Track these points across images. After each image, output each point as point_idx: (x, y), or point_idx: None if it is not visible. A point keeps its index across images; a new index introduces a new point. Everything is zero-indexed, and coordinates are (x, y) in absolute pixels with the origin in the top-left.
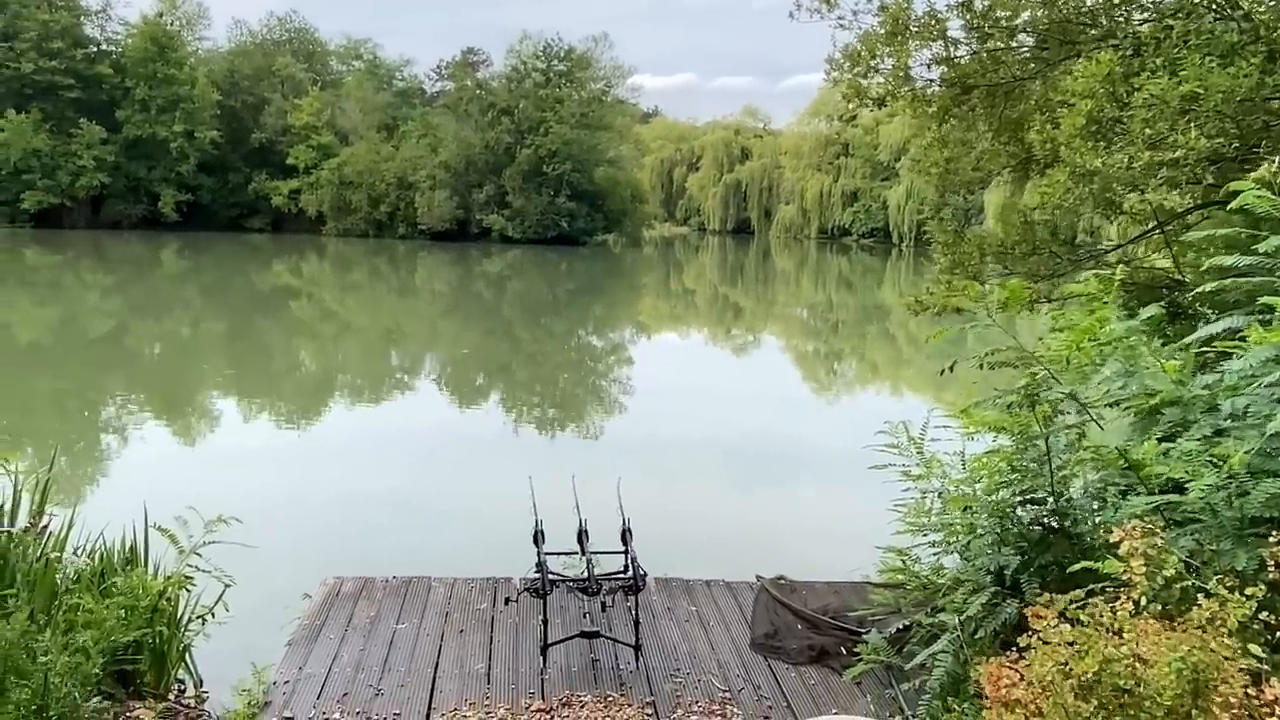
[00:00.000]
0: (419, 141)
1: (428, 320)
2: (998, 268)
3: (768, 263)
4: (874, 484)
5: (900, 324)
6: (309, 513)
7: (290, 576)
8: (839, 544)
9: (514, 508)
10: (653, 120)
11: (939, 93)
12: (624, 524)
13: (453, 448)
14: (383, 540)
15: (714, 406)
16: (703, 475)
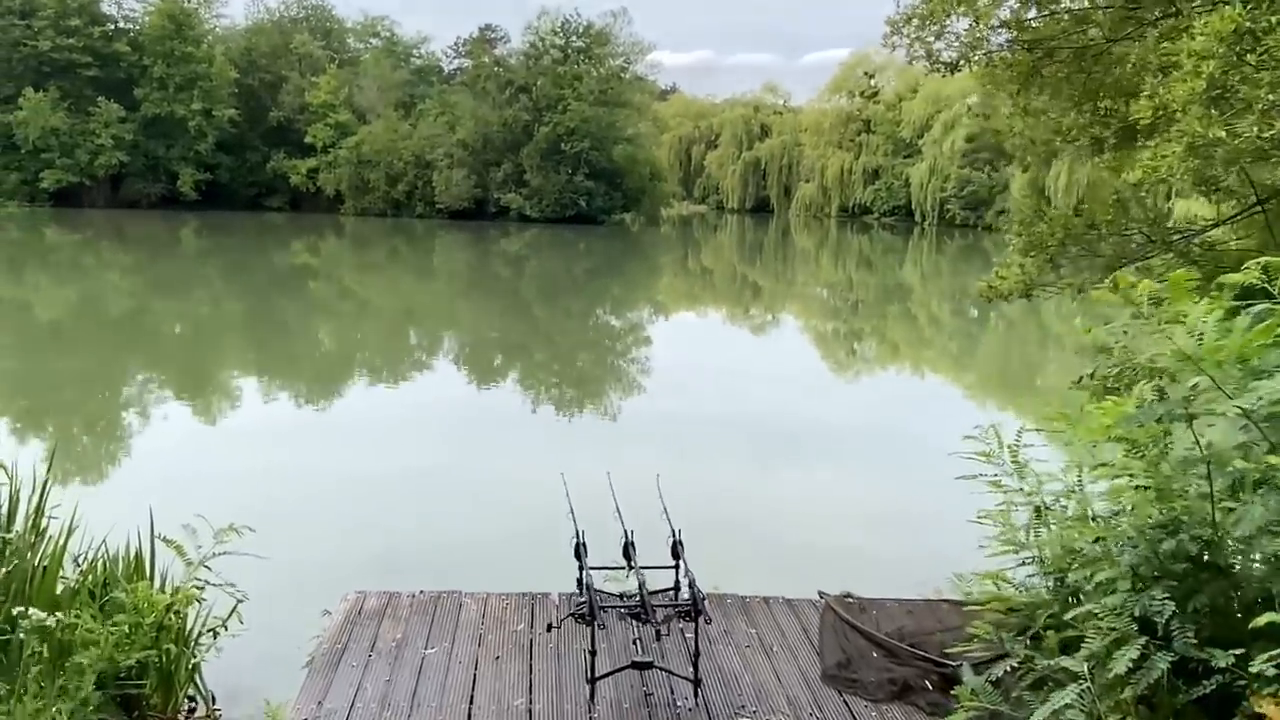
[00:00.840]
0: (436, 120)
1: (446, 300)
2: (1075, 249)
3: (787, 241)
4: (907, 465)
5: (921, 304)
6: (329, 503)
7: (311, 568)
8: (889, 534)
9: (540, 500)
10: (670, 97)
11: (1020, 56)
12: (674, 535)
13: (471, 429)
14: (407, 537)
15: (734, 385)
16: (726, 454)
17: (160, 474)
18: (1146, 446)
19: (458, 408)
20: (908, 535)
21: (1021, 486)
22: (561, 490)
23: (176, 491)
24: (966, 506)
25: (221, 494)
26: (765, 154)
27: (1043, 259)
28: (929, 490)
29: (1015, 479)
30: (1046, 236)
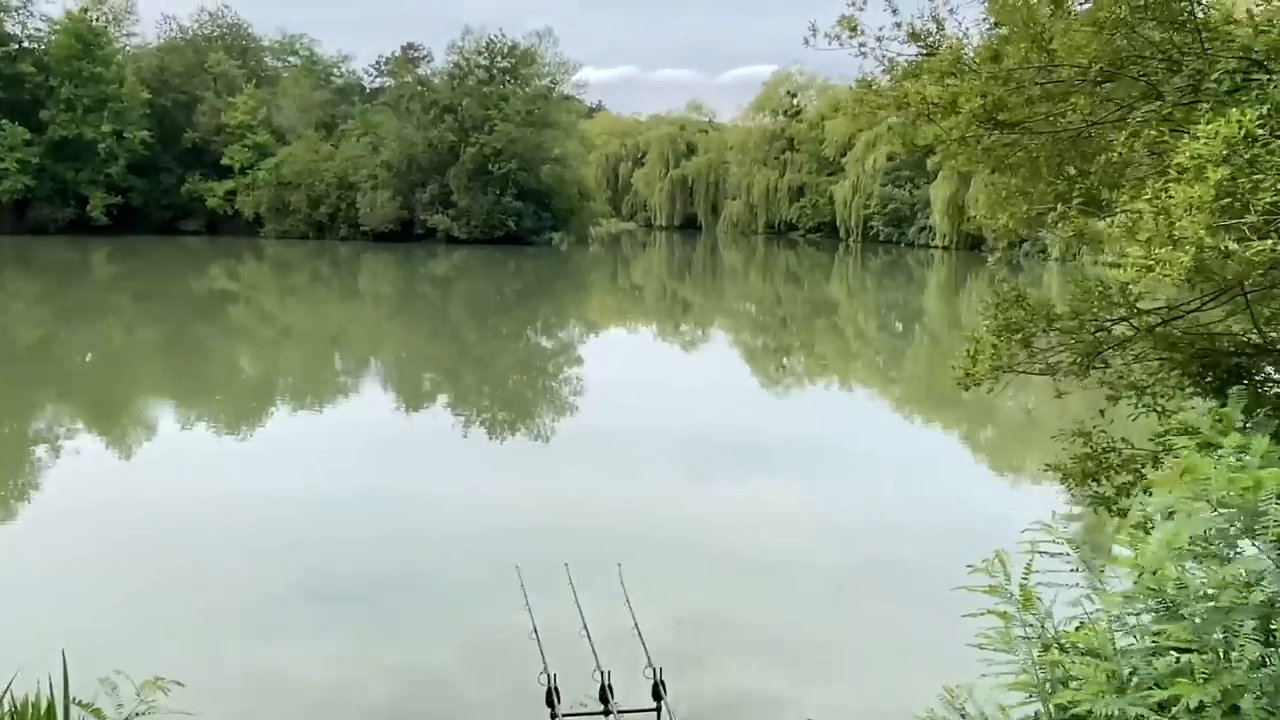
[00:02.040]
0: (359, 140)
1: (372, 323)
2: (1054, 336)
3: (716, 258)
4: (840, 476)
5: (848, 318)
6: (253, 532)
7: (235, 597)
8: (831, 542)
9: (472, 524)
10: (596, 115)
11: (996, 140)
12: (655, 673)
13: (401, 454)
14: (337, 565)
15: (667, 401)
16: (661, 470)
17: (67, 506)
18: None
19: (387, 433)
20: (850, 542)
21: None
22: (517, 584)
23: (87, 526)
24: (906, 515)
25: (139, 528)
26: (692, 172)
27: (1016, 342)
28: (865, 498)
29: (1023, 613)
30: (1024, 321)
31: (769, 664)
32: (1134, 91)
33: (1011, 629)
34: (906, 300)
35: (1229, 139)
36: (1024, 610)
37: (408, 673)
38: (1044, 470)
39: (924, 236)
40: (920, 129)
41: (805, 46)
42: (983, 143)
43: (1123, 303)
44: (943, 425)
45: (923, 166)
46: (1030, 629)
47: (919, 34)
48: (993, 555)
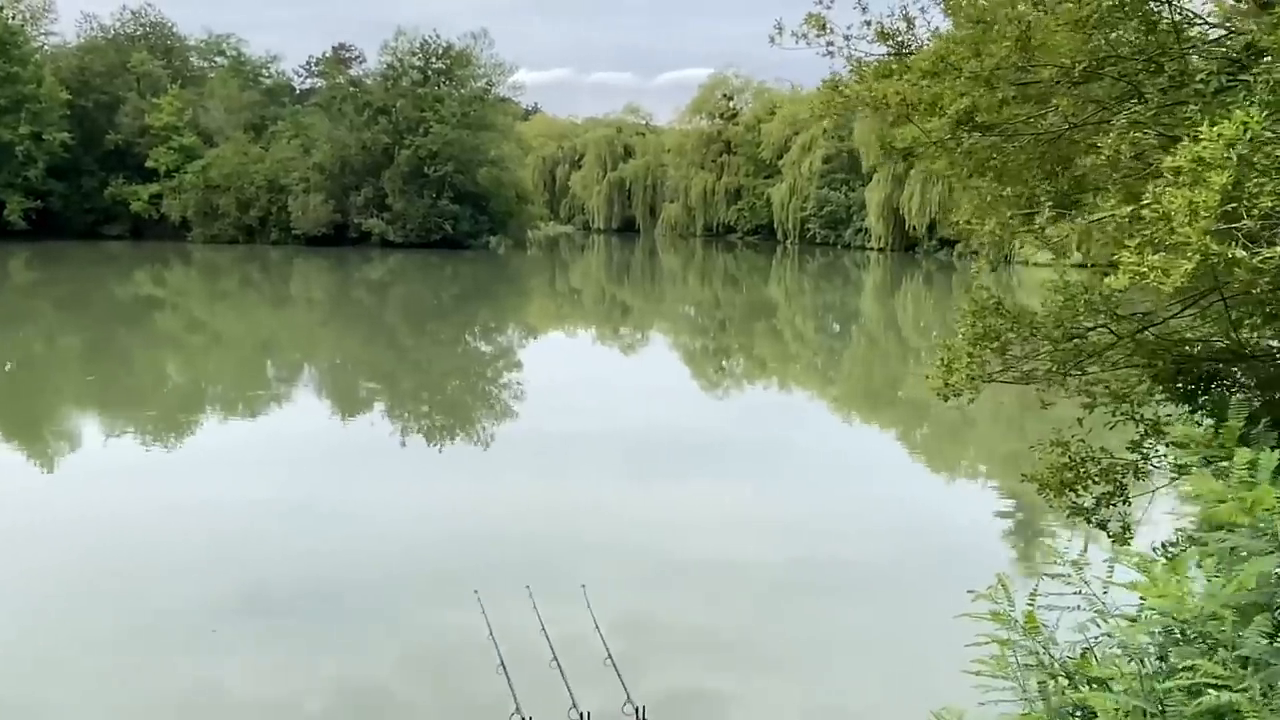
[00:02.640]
0: (290, 142)
1: (305, 329)
2: (1032, 344)
3: (654, 261)
4: (781, 474)
5: (786, 320)
6: (185, 544)
7: (170, 614)
8: (769, 539)
9: (411, 533)
10: (533, 118)
11: (975, 142)
12: (638, 713)
13: (337, 462)
14: (274, 577)
15: (608, 404)
16: (604, 471)
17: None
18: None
19: (322, 441)
20: (790, 541)
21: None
22: (479, 611)
23: (7, 544)
24: (844, 511)
25: (63, 544)
26: (630, 174)
27: (990, 350)
28: (805, 498)
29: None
30: (1003, 329)
31: (711, 663)
32: (1114, 93)
33: (1013, 655)
34: (844, 302)
35: (1232, 140)
36: (1027, 636)
37: (348, 687)
38: (1021, 480)
39: (860, 238)
40: (898, 131)
41: (771, 46)
42: (963, 145)
43: (1105, 309)
44: (879, 425)
45: (858, 169)
46: (1035, 656)
47: (888, 33)
48: (995, 580)
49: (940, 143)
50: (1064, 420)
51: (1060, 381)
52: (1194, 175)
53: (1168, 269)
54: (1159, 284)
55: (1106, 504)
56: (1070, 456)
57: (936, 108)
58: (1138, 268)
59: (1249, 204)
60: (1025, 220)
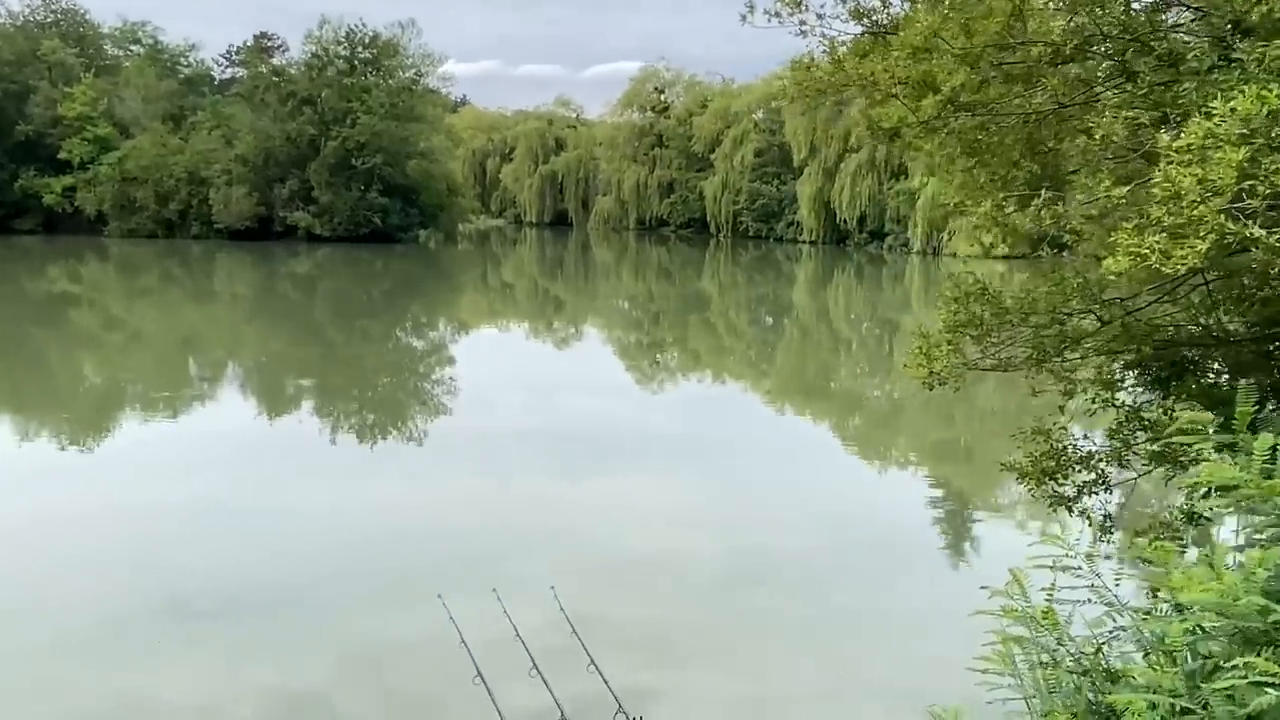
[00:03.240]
0: (211, 133)
1: (229, 326)
2: (1014, 330)
3: (587, 255)
4: (716, 466)
5: (720, 313)
6: (107, 547)
7: (93, 621)
8: (704, 532)
9: (345, 533)
10: (462, 110)
11: (964, 122)
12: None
13: (265, 461)
14: (201, 581)
15: (542, 399)
16: (538, 467)
17: None
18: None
19: (249, 440)
20: (726, 533)
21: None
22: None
23: None
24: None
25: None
26: (562, 167)
27: (970, 337)
28: (740, 490)
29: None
30: (985, 316)
31: (652, 657)
32: (1103, 72)
33: (1020, 652)
34: (776, 294)
35: (1247, 116)
36: (1043, 632)
37: (281, 692)
38: (1000, 469)
39: (792, 231)
40: (884, 110)
41: (742, 25)
42: (950, 125)
43: (1094, 294)
44: (813, 416)
45: (789, 163)
46: (1050, 653)
47: (863, 10)
48: (1009, 575)
49: (927, 123)
50: (1000, 409)
51: (1039, 369)
52: (1202, 153)
53: (1170, 251)
54: (1160, 266)
55: (1089, 492)
56: (1051, 444)
57: (925, 86)
58: (1138, 249)
59: (1266, 180)
60: (1020, 203)
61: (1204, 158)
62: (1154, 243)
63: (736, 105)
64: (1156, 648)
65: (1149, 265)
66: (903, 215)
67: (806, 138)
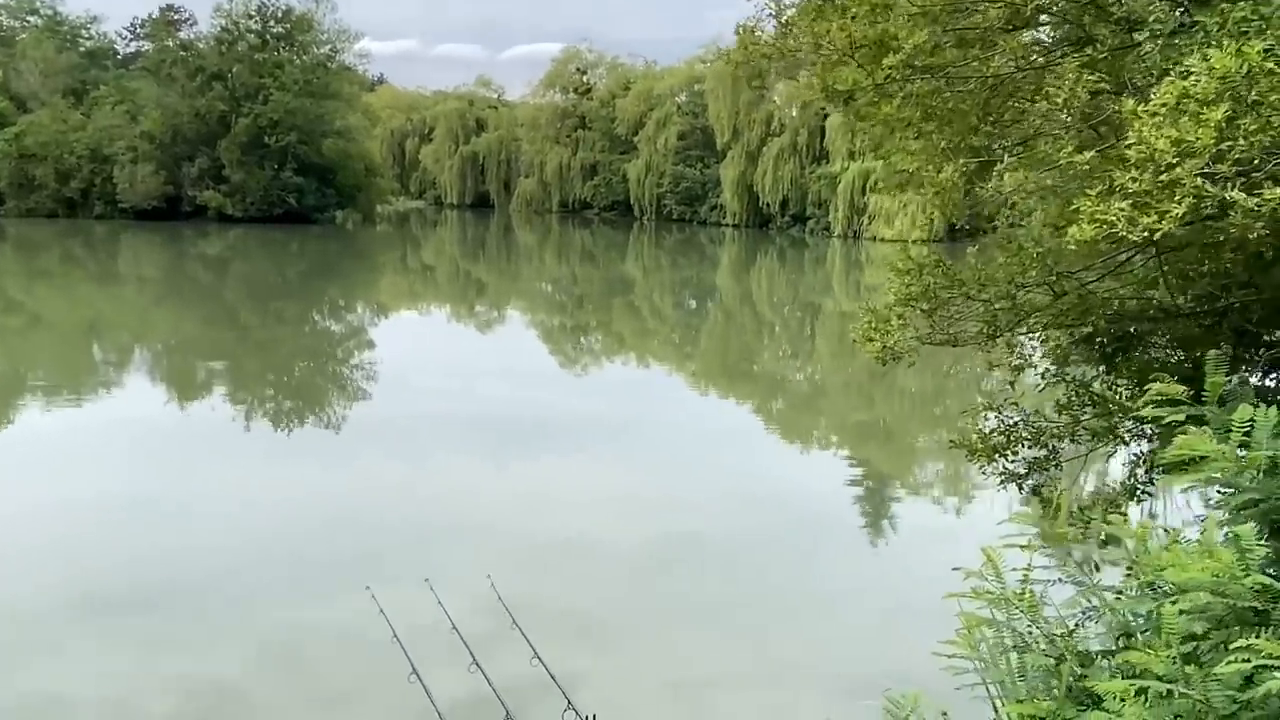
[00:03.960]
0: (115, 109)
1: (136, 309)
2: (968, 303)
3: (510, 237)
4: (638, 449)
5: (644, 296)
6: (10, 541)
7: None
8: (625, 513)
9: (260, 520)
10: (379, 88)
11: (920, 86)
12: None
13: (177, 449)
14: (112, 573)
15: (464, 383)
16: (462, 451)
17: None
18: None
19: (158, 428)
20: (650, 517)
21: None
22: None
23: None
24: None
25: None
26: (483, 149)
27: (920, 312)
28: (664, 473)
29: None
30: (940, 289)
31: (572, 641)
32: (1061, 33)
33: (995, 636)
34: (700, 277)
35: (1226, 74)
36: (1017, 614)
37: (196, 685)
38: (948, 447)
39: (715, 215)
40: (839, 73)
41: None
42: (906, 90)
43: (1051, 267)
44: (736, 398)
45: (713, 146)
46: (1023, 636)
47: None
48: (982, 555)
49: (882, 86)
50: (917, 391)
51: (989, 344)
52: (1176, 114)
53: (1136, 218)
54: (1128, 233)
55: (1039, 469)
56: (1002, 420)
57: (883, 47)
58: (1104, 216)
59: (1245, 141)
60: (983, 169)
61: (1176, 119)
62: (1119, 209)
63: (659, 88)
64: (1141, 630)
65: (1114, 233)
66: (824, 199)
67: (729, 121)
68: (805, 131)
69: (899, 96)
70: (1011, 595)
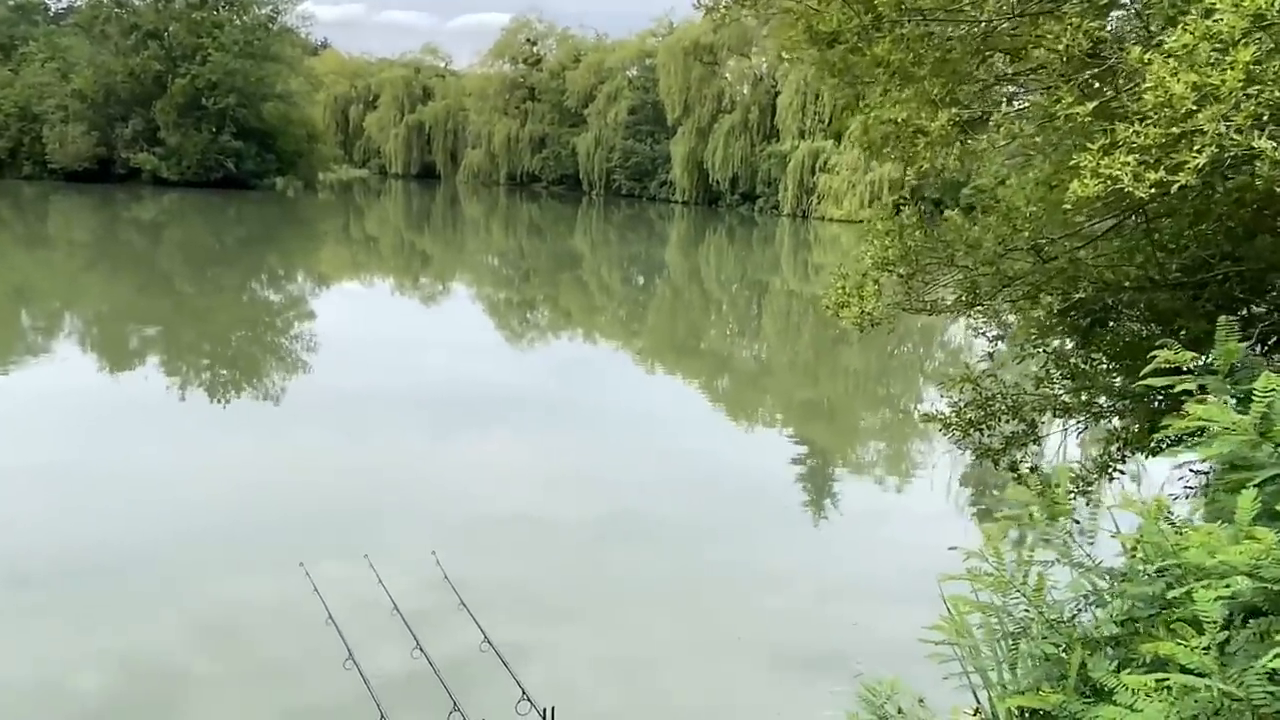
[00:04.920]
0: (45, 65)
1: (66, 274)
2: (952, 266)
3: (456, 209)
4: (583, 426)
5: (592, 271)
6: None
7: None
8: (568, 492)
9: (194, 495)
10: (323, 53)
11: (911, 29)
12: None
13: (107, 421)
14: (37, 548)
15: (406, 356)
16: (403, 426)
17: None
18: None
19: (89, 398)
20: (595, 495)
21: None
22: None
23: None
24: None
25: None
26: (429, 118)
27: (897, 276)
28: (609, 451)
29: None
30: (923, 252)
31: (517, 617)
32: None
33: (988, 621)
34: (649, 253)
35: (1259, 11)
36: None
37: (127, 660)
38: (922, 423)
39: (665, 191)
40: (827, 10)
41: None
42: (898, 32)
43: (1041, 229)
44: (683, 376)
45: (663, 122)
46: (1021, 621)
47: None
48: (982, 537)
49: (877, 23)
50: (861, 369)
51: (967, 312)
52: (1191, 57)
53: (1141, 174)
54: (1134, 189)
55: (1018, 445)
56: (979, 393)
57: None
58: (1109, 170)
59: (1275, 84)
60: (972, 125)
61: (1194, 63)
62: (1124, 163)
63: (610, 61)
64: (1146, 616)
65: (1119, 189)
66: (774, 178)
67: (680, 97)
68: (756, 109)
69: (889, 38)
70: (1011, 578)
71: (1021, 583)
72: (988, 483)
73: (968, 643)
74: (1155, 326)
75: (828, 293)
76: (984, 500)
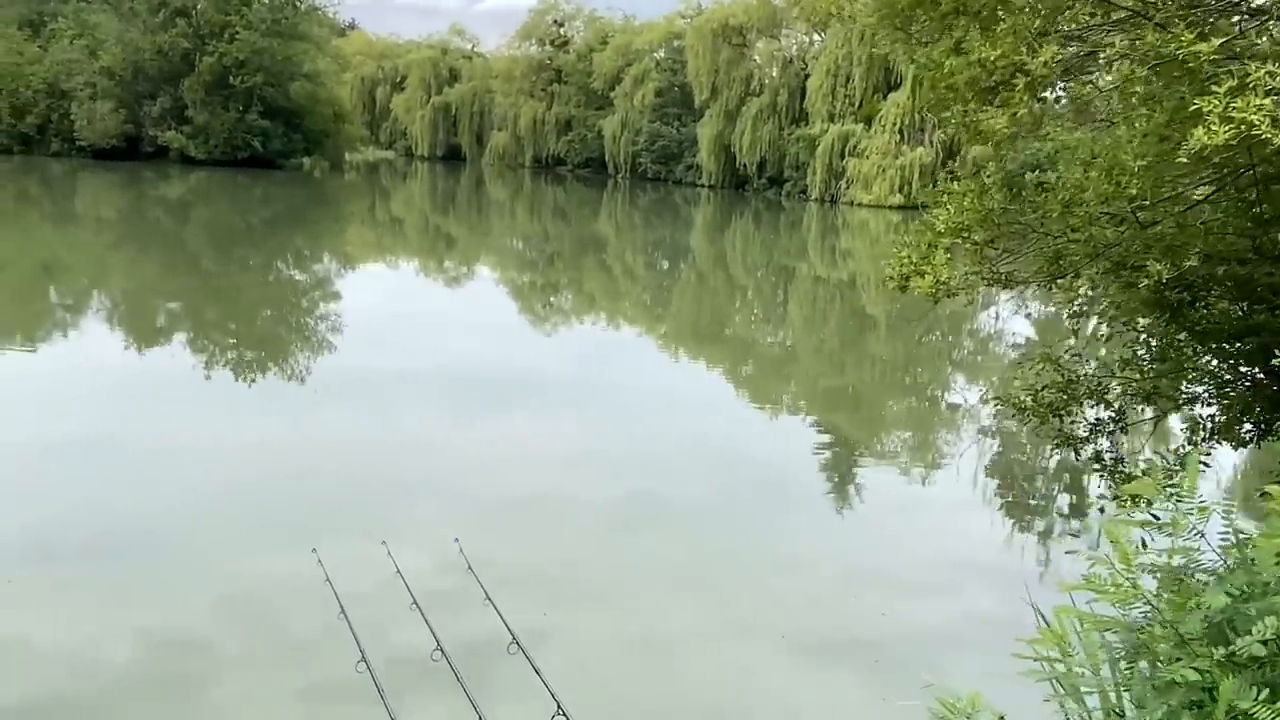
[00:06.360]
0: (74, 42)
1: (94, 252)
2: (1012, 243)
3: (481, 191)
4: (606, 411)
5: (616, 256)
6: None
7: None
8: (587, 475)
9: (219, 472)
10: (350, 34)
11: None
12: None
13: (133, 397)
14: (67, 523)
15: (430, 339)
16: (427, 409)
17: None
18: None
19: (116, 374)
20: (616, 474)
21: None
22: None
23: None
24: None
25: None
26: (456, 100)
27: (971, 243)
28: (632, 434)
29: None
30: (1006, 215)
31: (542, 602)
32: None
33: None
34: (674, 238)
35: None
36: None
37: (159, 634)
38: (994, 405)
39: (691, 175)
40: None
41: None
42: None
43: (1149, 186)
44: (706, 361)
45: (690, 104)
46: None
47: None
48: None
49: None
50: (889, 358)
51: (1048, 285)
52: None
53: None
54: (1270, 136)
55: (1102, 432)
56: (1063, 375)
57: None
58: (1243, 114)
59: None
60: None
61: None
62: (1259, 106)
63: (638, 43)
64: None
65: (1259, 136)
66: (802, 162)
67: (708, 79)
68: (785, 92)
69: None
70: (1135, 587)
71: (1155, 595)
72: (1015, 473)
73: (1074, 661)
74: (1249, 305)
75: (891, 262)
76: (1011, 491)
